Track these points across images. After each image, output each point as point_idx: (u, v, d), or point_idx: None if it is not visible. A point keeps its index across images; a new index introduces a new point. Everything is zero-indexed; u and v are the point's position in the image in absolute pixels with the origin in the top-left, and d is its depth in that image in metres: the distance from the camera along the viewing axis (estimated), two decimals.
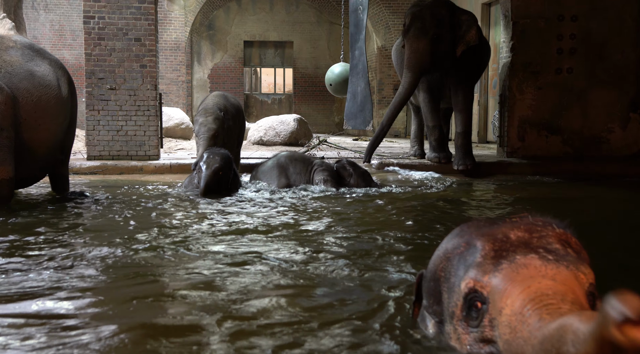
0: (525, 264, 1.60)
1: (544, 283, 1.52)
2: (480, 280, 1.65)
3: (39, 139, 5.45)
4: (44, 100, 5.43)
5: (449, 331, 1.78)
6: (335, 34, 18.91)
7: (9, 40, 5.62)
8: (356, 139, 14.61)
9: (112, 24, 8.58)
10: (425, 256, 3.64)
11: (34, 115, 5.34)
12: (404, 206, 5.88)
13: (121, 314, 2.48)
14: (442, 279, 1.81)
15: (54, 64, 5.81)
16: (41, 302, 2.60)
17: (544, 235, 1.71)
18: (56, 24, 16.76)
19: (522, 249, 1.66)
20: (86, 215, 5.07)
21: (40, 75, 5.48)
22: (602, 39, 9.25)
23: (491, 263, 1.65)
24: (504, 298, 1.56)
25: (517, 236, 1.71)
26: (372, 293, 2.77)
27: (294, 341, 2.17)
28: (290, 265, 3.30)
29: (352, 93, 10.34)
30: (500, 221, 1.81)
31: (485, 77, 13.24)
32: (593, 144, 9.33)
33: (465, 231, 1.83)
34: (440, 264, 1.82)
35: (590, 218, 5.16)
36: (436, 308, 1.84)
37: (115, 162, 8.35)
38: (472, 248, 1.73)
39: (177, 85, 17.22)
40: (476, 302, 1.66)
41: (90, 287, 2.89)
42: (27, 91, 5.30)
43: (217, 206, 5.46)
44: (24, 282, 2.90)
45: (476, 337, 1.66)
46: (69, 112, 5.90)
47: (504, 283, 1.58)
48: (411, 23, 8.07)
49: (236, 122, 7.55)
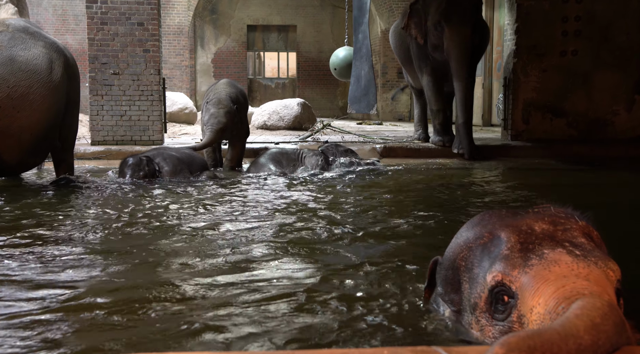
0: (556, 260, 1.57)
1: (579, 283, 1.49)
2: (508, 274, 1.62)
3: (19, 126, 5.38)
4: (23, 86, 5.34)
5: (469, 321, 1.76)
6: (339, 17, 18.80)
7: (1, 24, 5.56)
8: (360, 123, 14.57)
9: (115, 9, 8.55)
10: (422, 237, 3.66)
11: (10, 102, 5.27)
12: (408, 188, 5.88)
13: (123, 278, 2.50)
14: (463, 269, 1.78)
15: (49, 47, 5.69)
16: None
17: (568, 228, 1.69)
18: (59, 8, 16.69)
19: (548, 242, 1.64)
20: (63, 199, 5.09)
21: (23, 61, 5.39)
22: (607, 20, 9.19)
23: (519, 257, 1.63)
24: (536, 296, 1.54)
25: (541, 228, 1.69)
26: (378, 277, 2.78)
27: (301, 320, 2.18)
28: (296, 246, 3.32)
29: (356, 77, 10.29)
30: (523, 212, 1.79)
31: (490, 60, 13.17)
32: (598, 127, 9.29)
33: (487, 220, 1.80)
34: (460, 253, 1.80)
35: (601, 204, 5.13)
36: (454, 297, 1.82)
37: (119, 147, 8.36)
38: (496, 239, 1.71)
39: (181, 70, 17.17)
40: (503, 296, 1.64)
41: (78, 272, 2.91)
42: (2, 78, 5.24)
43: (213, 189, 5.47)
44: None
45: (501, 330, 1.64)
46: (62, 97, 5.77)
47: (536, 281, 1.56)
48: (450, 9, 7.84)
49: (245, 111, 7.50)
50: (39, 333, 2.08)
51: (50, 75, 5.57)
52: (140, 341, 2.03)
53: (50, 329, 2.13)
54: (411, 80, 9.69)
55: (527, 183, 6.42)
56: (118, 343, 2.01)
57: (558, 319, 1.35)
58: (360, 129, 12.44)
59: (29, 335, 2.07)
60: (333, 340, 2.01)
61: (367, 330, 2.09)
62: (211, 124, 6.88)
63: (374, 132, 11.45)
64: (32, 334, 2.07)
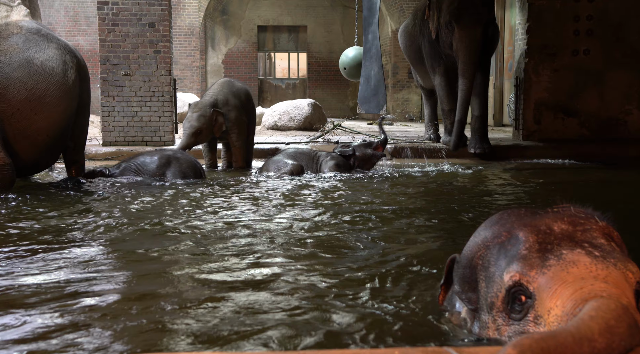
0: (574, 261, 1.56)
1: (597, 286, 1.48)
2: (526, 275, 1.61)
3: (37, 128, 5.41)
4: (40, 88, 5.37)
5: (486, 320, 1.76)
6: (349, 17, 18.80)
7: (14, 26, 5.59)
8: (370, 123, 14.55)
9: (126, 10, 8.58)
10: (439, 237, 3.65)
11: (29, 105, 5.29)
12: (421, 188, 5.87)
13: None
14: (480, 268, 1.78)
15: (62, 49, 5.74)
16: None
17: (588, 228, 1.67)
18: (70, 10, 16.78)
19: (567, 243, 1.62)
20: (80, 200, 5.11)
21: (40, 63, 5.43)
22: (619, 20, 9.13)
23: (537, 257, 1.61)
24: (554, 298, 1.53)
25: (560, 229, 1.67)
26: (392, 276, 2.77)
27: (314, 320, 2.18)
28: (308, 246, 3.31)
29: (366, 77, 10.29)
30: (542, 211, 1.78)
31: (501, 60, 13.13)
32: (610, 126, 9.24)
33: (506, 219, 1.79)
34: (478, 252, 1.79)
35: (618, 203, 5.09)
36: (471, 295, 1.82)
37: (130, 148, 8.38)
38: (514, 238, 1.70)
39: (192, 71, 17.21)
40: (520, 295, 1.63)
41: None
42: (20, 80, 5.26)
43: (226, 189, 5.48)
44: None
45: (517, 330, 1.63)
46: (75, 98, 5.82)
47: (554, 282, 1.54)
48: (460, 9, 7.74)
49: (243, 112, 7.41)
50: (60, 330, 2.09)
51: (65, 77, 5.61)
52: (149, 339, 2.03)
53: (93, 330, 2.13)
54: (421, 80, 9.67)
55: (541, 183, 6.39)
56: (122, 343, 2.01)
57: (572, 320, 1.34)
58: (371, 129, 12.42)
59: (37, 334, 2.07)
60: (344, 340, 2.01)
61: (379, 330, 2.08)
62: (184, 128, 7.07)
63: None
64: (45, 334, 2.08)
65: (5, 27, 5.56)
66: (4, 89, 5.15)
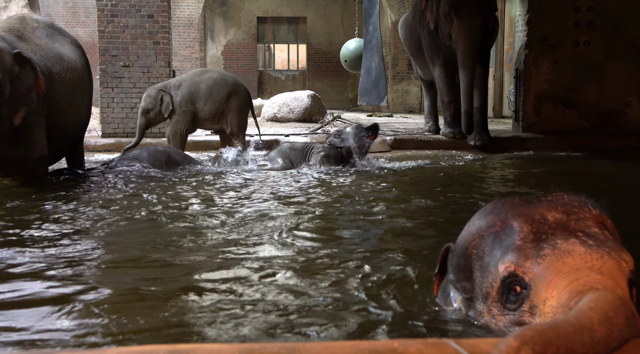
0: (569, 251, 1.56)
1: (592, 277, 1.49)
2: (521, 265, 1.61)
3: (69, 120, 5.60)
4: (72, 82, 5.56)
5: (481, 309, 1.76)
6: (349, 9, 18.75)
7: (31, 20, 5.65)
8: (370, 115, 14.52)
9: (125, 1, 8.56)
10: (433, 227, 3.65)
11: (64, 97, 5.46)
12: (419, 180, 5.87)
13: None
14: (475, 257, 1.78)
15: (74, 44, 5.93)
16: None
17: (582, 217, 1.67)
18: (69, 1, 16.74)
19: (561, 232, 1.63)
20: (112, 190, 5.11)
21: (67, 58, 5.59)
22: (619, 12, 9.11)
23: (532, 248, 1.62)
24: (549, 288, 1.54)
25: (554, 218, 1.67)
26: (389, 268, 2.77)
27: (311, 313, 2.18)
28: (302, 240, 3.31)
29: (366, 69, 10.29)
30: (535, 200, 1.78)
31: (501, 51, 13.11)
32: (610, 118, 9.23)
33: (500, 208, 1.79)
34: (472, 242, 1.80)
35: (614, 193, 5.11)
36: (466, 285, 1.82)
37: (129, 140, 8.34)
38: (508, 228, 1.70)
39: (191, 62, 17.18)
40: (515, 286, 1.64)
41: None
42: (59, 74, 5.42)
43: (218, 182, 5.47)
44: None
45: (512, 320, 1.65)
46: (91, 92, 6.07)
47: (549, 272, 1.55)
48: (460, 0, 7.70)
49: (194, 102, 7.28)
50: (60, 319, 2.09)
51: (83, 70, 5.82)
52: (151, 333, 2.03)
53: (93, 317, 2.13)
54: (421, 72, 9.65)
55: (538, 173, 6.39)
56: (123, 334, 2.01)
57: (571, 311, 1.34)
58: (371, 121, 12.39)
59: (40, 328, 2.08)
60: (343, 332, 2.01)
61: (378, 322, 2.08)
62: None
63: (384, 124, 11.40)
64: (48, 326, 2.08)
65: (24, 20, 5.59)
66: (50, 83, 5.23)
